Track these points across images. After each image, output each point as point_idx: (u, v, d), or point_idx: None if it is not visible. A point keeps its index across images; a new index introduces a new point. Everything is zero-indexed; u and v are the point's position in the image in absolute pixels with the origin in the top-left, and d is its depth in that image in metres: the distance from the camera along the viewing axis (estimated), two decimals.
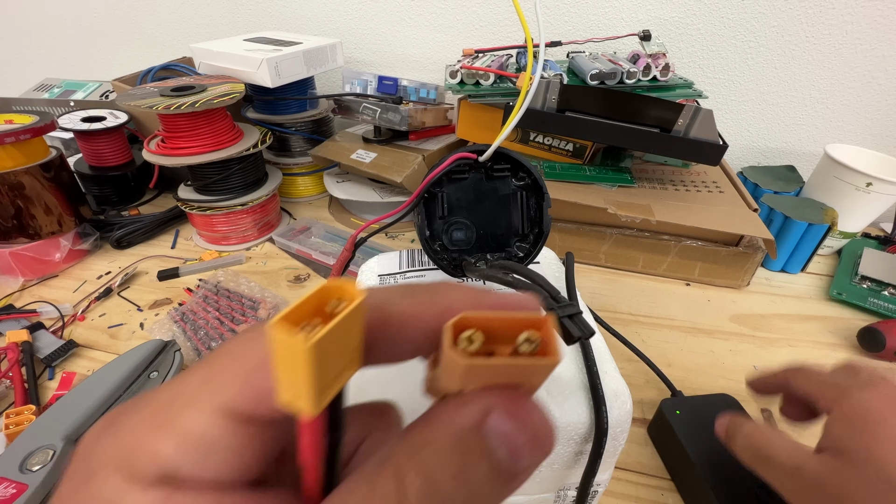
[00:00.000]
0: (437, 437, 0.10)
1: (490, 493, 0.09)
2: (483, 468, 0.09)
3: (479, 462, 0.09)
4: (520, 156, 0.28)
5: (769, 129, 0.70)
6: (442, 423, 0.10)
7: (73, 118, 0.63)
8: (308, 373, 0.08)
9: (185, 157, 0.52)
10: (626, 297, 0.51)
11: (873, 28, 0.60)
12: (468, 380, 0.10)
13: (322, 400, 0.09)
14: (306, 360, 0.08)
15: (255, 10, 0.80)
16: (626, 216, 0.50)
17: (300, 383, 0.09)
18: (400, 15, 0.74)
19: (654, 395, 0.40)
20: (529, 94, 0.23)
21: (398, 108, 0.58)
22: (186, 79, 0.59)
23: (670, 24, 0.65)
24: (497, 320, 0.10)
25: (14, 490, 0.29)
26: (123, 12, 0.86)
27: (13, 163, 0.49)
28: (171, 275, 0.53)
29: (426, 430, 0.10)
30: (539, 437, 0.10)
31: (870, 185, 0.52)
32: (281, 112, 0.65)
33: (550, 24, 0.69)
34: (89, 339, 0.45)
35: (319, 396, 0.09)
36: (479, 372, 0.10)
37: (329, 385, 0.09)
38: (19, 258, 0.51)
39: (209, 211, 0.56)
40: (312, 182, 0.70)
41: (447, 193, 0.30)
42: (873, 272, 0.52)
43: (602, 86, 0.54)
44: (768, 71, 0.66)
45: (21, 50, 0.97)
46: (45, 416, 0.34)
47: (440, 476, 0.09)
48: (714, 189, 0.56)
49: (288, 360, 0.09)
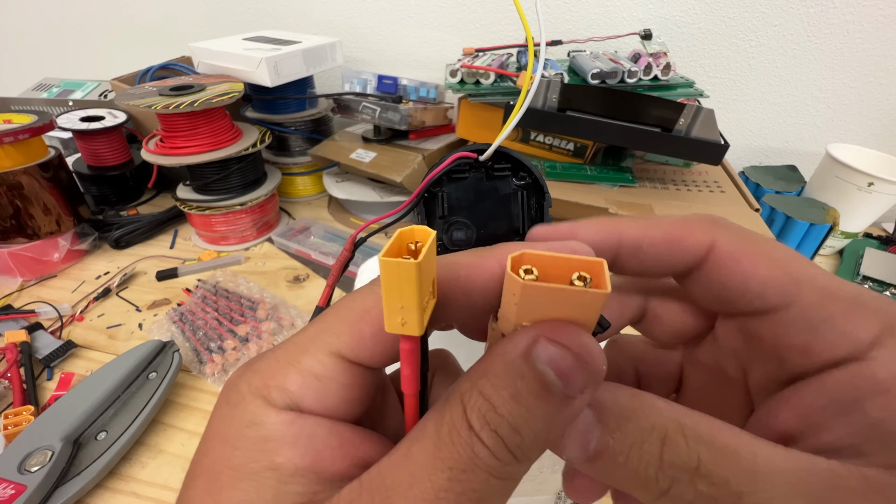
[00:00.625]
0: (493, 367, 0.11)
1: (547, 413, 0.10)
2: (535, 389, 0.10)
3: (531, 384, 0.10)
4: (521, 155, 0.28)
5: (770, 129, 0.70)
6: (497, 355, 0.11)
7: (71, 118, 0.63)
8: (415, 289, 0.10)
9: (184, 157, 0.52)
10: None
11: (874, 28, 0.60)
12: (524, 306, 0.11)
13: (424, 322, 0.11)
14: (415, 277, 0.10)
15: (255, 10, 0.80)
16: (627, 216, 0.50)
17: (408, 301, 0.10)
18: (400, 14, 0.74)
19: None
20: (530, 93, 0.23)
21: (398, 107, 0.58)
22: (185, 78, 0.59)
23: (671, 23, 0.65)
24: (554, 258, 0.11)
25: (13, 490, 0.29)
26: (122, 12, 0.86)
27: (11, 162, 0.49)
28: (169, 275, 0.53)
29: (485, 364, 0.11)
30: (585, 360, 0.10)
31: (871, 184, 0.52)
32: (280, 111, 0.65)
33: (551, 22, 0.69)
34: (88, 340, 0.45)
35: (423, 318, 0.11)
36: (533, 295, 0.10)
37: (424, 309, 0.11)
38: (18, 258, 0.51)
39: (208, 211, 0.56)
40: (312, 182, 0.70)
41: (447, 193, 0.30)
42: (875, 272, 0.52)
43: (603, 85, 0.54)
44: (770, 70, 0.65)
45: (20, 49, 0.97)
46: (44, 417, 0.34)
47: (497, 398, 0.10)
48: (715, 189, 0.56)
49: (398, 282, 0.10)
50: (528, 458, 0.11)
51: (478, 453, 0.10)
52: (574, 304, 0.11)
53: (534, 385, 0.10)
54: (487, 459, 0.10)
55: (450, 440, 0.10)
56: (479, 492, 0.10)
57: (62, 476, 0.31)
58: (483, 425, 0.10)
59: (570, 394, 0.10)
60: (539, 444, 0.11)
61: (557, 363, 0.10)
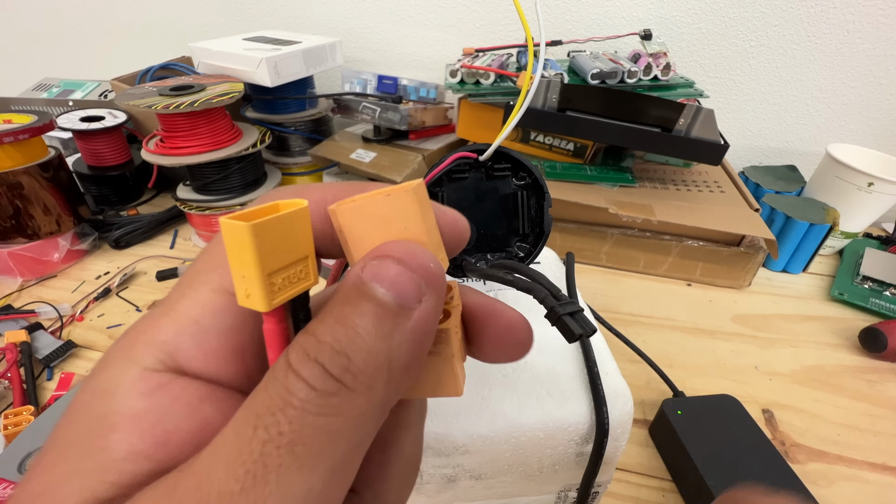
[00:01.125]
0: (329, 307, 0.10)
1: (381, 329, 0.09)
2: (369, 308, 0.09)
3: (359, 304, 0.09)
4: (520, 155, 0.28)
5: (770, 129, 0.70)
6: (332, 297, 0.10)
7: (71, 118, 0.63)
8: (253, 256, 0.09)
9: (184, 157, 0.52)
10: (627, 297, 0.51)
11: (875, 27, 0.60)
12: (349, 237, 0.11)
13: (273, 297, 0.10)
14: (249, 242, 0.09)
15: (255, 10, 0.80)
16: (627, 216, 0.50)
17: (249, 270, 0.09)
18: (400, 14, 0.74)
19: (656, 396, 0.39)
20: (530, 93, 0.23)
21: (398, 107, 0.58)
22: (185, 78, 0.59)
23: (671, 23, 0.65)
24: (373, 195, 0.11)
25: (13, 490, 0.29)
26: (122, 11, 0.86)
27: (12, 163, 0.49)
28: (169, 275, 0.53)
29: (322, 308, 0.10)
30: (414, 263, 0.10)
31: (871, 184, 0.52)
32: (280, 111, 0.65)
33: (551, 23, 0.69)
34: (88, 340, 0.45)
35: (270, 292, 0.09)
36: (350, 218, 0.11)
37: (282, 286, 0.10)
38: (18, 258, 0.51)
39: (208, 211, 0.56)
40: (312, 182, 0.70)
41: (447, 193, 0.30)
42: (875, 272, 0.52)
43: (603, 85, 0.54)
44: (769, 70, 0.65)
45: (20, 49, 0.97)
46: (44, 417, 0.34)
47: (321, 328, 0.09)
48: (715, 189, 0.56)
49: (237, 247, 0.09)
50: (368, 386, 0.09)
51: (291, 388, 0.08)
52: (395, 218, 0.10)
53: (362, 304, 0.09)
54: (302, 393, 0.08)
55: (264, 388, 0.09)
56: (290, 434, 0.08)
57: None
58: (302, 359, 0.09)
59: (403, 304, 0.09)
60: (381, 366, 0.09)
61: (382, 274, 0.09)
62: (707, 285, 0.53)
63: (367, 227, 0.11)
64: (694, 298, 0.51)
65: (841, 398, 0.40)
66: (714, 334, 0.46)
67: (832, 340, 0.46)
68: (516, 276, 0.22)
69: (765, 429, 0.37)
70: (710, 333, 0.46)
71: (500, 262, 0.27)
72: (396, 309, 0.09)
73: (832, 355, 0.44)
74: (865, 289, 0.51)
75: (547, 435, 0.23)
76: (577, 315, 0.13)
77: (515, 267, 0.25)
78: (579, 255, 0.55)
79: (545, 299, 0.13)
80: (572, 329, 0.13)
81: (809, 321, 0.48)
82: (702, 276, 0.53)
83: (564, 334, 0.13)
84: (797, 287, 0.53)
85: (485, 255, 0.31)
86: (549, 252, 0.35)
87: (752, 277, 0.52)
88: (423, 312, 0.10)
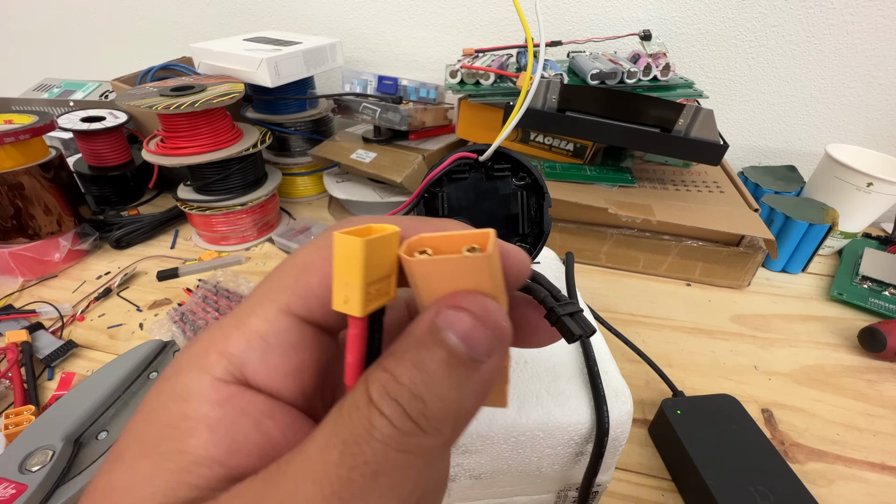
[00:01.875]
0: (398, 345, 0.10)
1: (453, 379, 0.10)
2: (440, 356, 0.10)
3: (434, 352, 0.10)
4: (520, 155, 0.28)
5: (770, 129, 0.70)
6: (403, 334, 0.11)
7: (72, 118, 0.63)
8: (361, 267, 0.10)
9: (185, 157, 0.52)
10: (626, 297, 0.51)
11: (874, 28, 0.60)
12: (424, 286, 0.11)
13: (367, 305, 0.11)
14: (362, 255, 0.10)
15: (255, 10, 0.80)
16: (626, 216, 0.50)
17: (353, 278, 0.10)
18: (400, 14, 0.74)
19: (655, 396, 0.39)
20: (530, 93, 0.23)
21: (398, 107, 0.58)
22: (186, 78, 0.59)
23: (671, 23, 0.65)
24: (446, 238, 0.11)
25: (13, 490, 0.29)
26: (123, 12, 0.86)
27: (12, 163, 0.49)
28: (170, 275, 0.53)
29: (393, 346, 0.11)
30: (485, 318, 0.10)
31: (870, 185, 0.52)
32: (280, 112, 0.65)
33: (551, 23, 0.69)
34: (89, 340, 0.45)
35: (366, 299, 0.11)
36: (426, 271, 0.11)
37: (373, 296, 0.11)
38: (19, 258, 0.51)
39: (208, 211, 0.56)
40: (312, 182, 0.70)
41: (447, 193, 0.30)
42: (874, 272, 0.52)
43: (602, 85, 0.54)
44: (769, 71, 0.65)
45: (21, 50, 0.97)
46: (45, 417, 0.34)
47: (399, 369, 0.10)
48: (715, 189, 0.56)
49: (346, 258, 0.10)
50: (438, 430, 0.10)
51: (374, 423, 0.09)
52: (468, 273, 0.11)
53: (436, 351, 0.10)
54: (385, 429, 0.09)
55: (348, 416, 0.10)
56: (374, 464, 0.09)
57: (63, 476, 0.31)
58: (382, 395, 0.10)
59: (475, 357, 0.10)
60: (450, 413, 0.10)
61: (456, 325, 0.10)
62: (706, 285, 0.53)
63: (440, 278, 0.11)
64: (693, 298, 0.51)
65: (840, 398, 0.40)
66: (713, 334, 0.47)
67: (831, 340, 0.46)
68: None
69: (764, 428, 0.37)
70: (710, 333, 0.47)
71: None
72: (468, 361, 0.10)
73: (831, 355, 0.44)
74: (864, 289, 0.51)
75: (547, 434, 0.23)
76: (576, 315, 0.14)
77: None
78: (579, 255, 0.55)
79: (545, 299, 0.13)
80: (572, 329, 0.13)
81: (809, 321, 0.49)
82: (701, 276, 0.53)
83: (564, 335, 0.13)
84: (796, 287, 0.53)
85: None
86: (549, 252, 0.35)
87: (751, 277, 0.52)
88: (491, 366, 0.10)
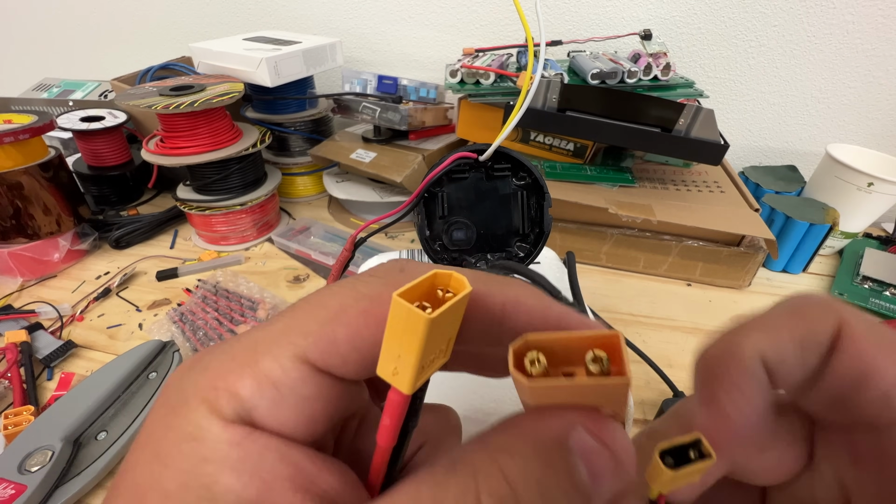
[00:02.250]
0: (518, 445, 0.09)
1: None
2: (563, 484, 0.09)
3: (560, 477, 0.09)
4: (520, 155, 0.28)
5: (770, 129, 0.70)
6: (524, 431, 0.10)
7: (71, 118, 0.63)
8: (420, 346, 0.09)
9: (184, 157, 0.52)
10: (626, 297, 0.51)
11: (874, 28, 0.60)
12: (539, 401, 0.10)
13: (419, 379, 0.09)
14: (424, 334, 0.09)
15: (255, 10, 0.80)
16: (627, 216, 0.50)
17: (408, 355, 0.09)
18: (400, 14, 0.74)
19: (656, 396, 0.39)
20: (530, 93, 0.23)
21: (398, 107, 0.58)
22: (185, 78, 0.59)
23: (671, 23, 0.65)
24: (560, 340, 0.09)
25: (13, 490, 0.29)
26: (122, 12, 0.86)
27: (12, 163, 0.49)
28: (169, 275, 0.53)
29: (507, 437, 0.10)
30: (621, 462, 0.09)
31: (871, 185, 0.52)
32: (280, 111, 0.65)
33: (551, 23, 0.69)
34: (88, 340, 0.45)
35: (419, 375, 0.09)
36: (545, 393, 0.09)
37: (425, 367, 0.10)
38: (18, 258, 0.51)
39: (208, 211, 0.56)
40: (312, 182, 0.70)
41: (447, 193, 0.30)
42: (874, 272, 0.52)
43: (603, 85, 0.54)
44: (769, 70, 0.65)
45: (20, 49, 0.97)
46: (44, 417, 0.34)
47: (520, 483, 0.09)
48: (715, 189, 0.56)
49: (404, 331, 0.09)
50: None
51: None
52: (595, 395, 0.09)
53: (563, 479, 0.09)
54: None
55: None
56: None
57: (62, 476, 0.31)
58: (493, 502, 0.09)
59: (594, 495, 0.09)
60: None
61: (592, 460, 0.09)
62: (707, 285, 0.53)
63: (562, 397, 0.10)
64: (694, 298, 0.51)
65: None
66: (714, 334, 0.46)
67: None
68: (516, 276, 0.22)
69: None
70: (710, 333, 0.46)
71: (500, 263, 0.27)
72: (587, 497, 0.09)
73: None
74: (865, 289, 0.51)
75: None
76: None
77: (515, 268, 0.25)
78: (579, 255, 0.55)
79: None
80: None
81: None
82: (702, 276, 0.53)
83: None
84: (797, 287, 0.53)
85: (485, 255, 0.31)
86: (550, 252, 0.35)
87: (751, 277, 0.52)
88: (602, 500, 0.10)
